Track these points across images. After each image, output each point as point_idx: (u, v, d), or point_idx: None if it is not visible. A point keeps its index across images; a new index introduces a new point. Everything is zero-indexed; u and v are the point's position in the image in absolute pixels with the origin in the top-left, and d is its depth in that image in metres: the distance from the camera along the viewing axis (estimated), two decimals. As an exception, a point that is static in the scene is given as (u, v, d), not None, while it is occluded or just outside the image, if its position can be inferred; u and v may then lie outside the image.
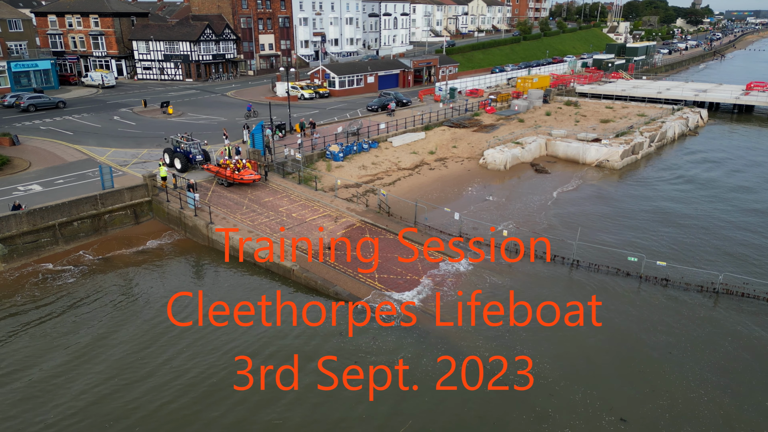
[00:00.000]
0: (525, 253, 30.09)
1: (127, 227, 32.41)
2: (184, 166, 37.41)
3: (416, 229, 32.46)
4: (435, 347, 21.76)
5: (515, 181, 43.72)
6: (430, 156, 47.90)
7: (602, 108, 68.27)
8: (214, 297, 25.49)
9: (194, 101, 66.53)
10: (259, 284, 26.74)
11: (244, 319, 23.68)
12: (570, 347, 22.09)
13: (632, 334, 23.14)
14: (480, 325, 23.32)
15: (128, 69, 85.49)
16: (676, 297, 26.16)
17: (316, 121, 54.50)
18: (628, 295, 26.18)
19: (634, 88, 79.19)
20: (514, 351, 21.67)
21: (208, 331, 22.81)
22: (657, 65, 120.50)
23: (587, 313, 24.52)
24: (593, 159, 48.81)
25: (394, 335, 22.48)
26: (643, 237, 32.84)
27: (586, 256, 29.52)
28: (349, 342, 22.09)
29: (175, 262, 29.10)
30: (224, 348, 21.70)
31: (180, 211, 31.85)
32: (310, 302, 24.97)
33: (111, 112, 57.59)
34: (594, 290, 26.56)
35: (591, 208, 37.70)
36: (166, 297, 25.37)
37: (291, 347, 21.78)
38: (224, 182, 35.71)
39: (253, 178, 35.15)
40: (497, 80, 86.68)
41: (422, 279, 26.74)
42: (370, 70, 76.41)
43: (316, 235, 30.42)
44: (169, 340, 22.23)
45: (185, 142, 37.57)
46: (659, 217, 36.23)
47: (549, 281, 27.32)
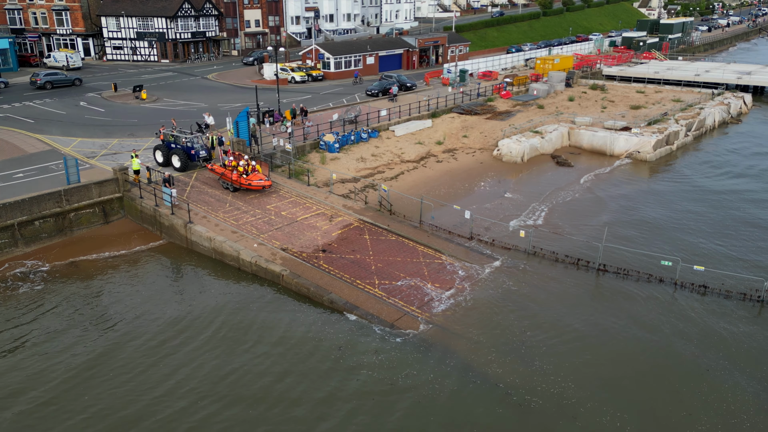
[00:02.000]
0: (545, 257, 30.08)
1: (95, 227, 32.44)
2: (185, 164, 36.49)
3: (422, 229, 32.45)
4: (443, 362, 21.78)
5: (534, 175, 43.70)
6: (437, 147, 47.91)
7: (632, 92, 68.17)
8: (193, 310, 25.51)
9: (171, 85, 66.55)
10: (244, 293, 26.76)
11: (225, 341, 23.68)
12: (595, 363, 22.08)
13: (665, 348, 23.12)
14: (494, 337, 23.32)
15: (96, 49, 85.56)
16: (715, 306, 26.13)
17: (309, 107, 54.49)
18: (661, 304, 26.16)
19: (668, 70, 79.07)
20: (532, 367, 21.67)
21: (184, 357, 22.81)
22: (695, 44, 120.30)
23: (614, 325, 24.50)
24: (622, 150, 48.77)
25: (399, 349, 22.50)
26: (678, 239, 32.82)
27: (613, 260, 29.52)
28: (349, 357, 22.09)
29: (148, 267, 29.15)
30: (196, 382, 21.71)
31: (155, 208, 31.89)
32: (302, 312, 25.00)
33: (77, 98, 57.64)
34: (623, 299, 26.54)
35: (619, 207, 37.69)
36: (135, 309, 25.39)
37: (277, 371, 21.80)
38: (229, 186, 34.67)
39: (263, 185, 34.16)
40: (513, 61, 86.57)
41: (428, 285, 26.76)
42: (370, 50, 76.40)
43: (308, 235, 30.43)
44: (130, 372, 22.23)
45: (186, 136, 36.56)
46: (696, 216, 36.20)
47: (572, 288, 27.30)
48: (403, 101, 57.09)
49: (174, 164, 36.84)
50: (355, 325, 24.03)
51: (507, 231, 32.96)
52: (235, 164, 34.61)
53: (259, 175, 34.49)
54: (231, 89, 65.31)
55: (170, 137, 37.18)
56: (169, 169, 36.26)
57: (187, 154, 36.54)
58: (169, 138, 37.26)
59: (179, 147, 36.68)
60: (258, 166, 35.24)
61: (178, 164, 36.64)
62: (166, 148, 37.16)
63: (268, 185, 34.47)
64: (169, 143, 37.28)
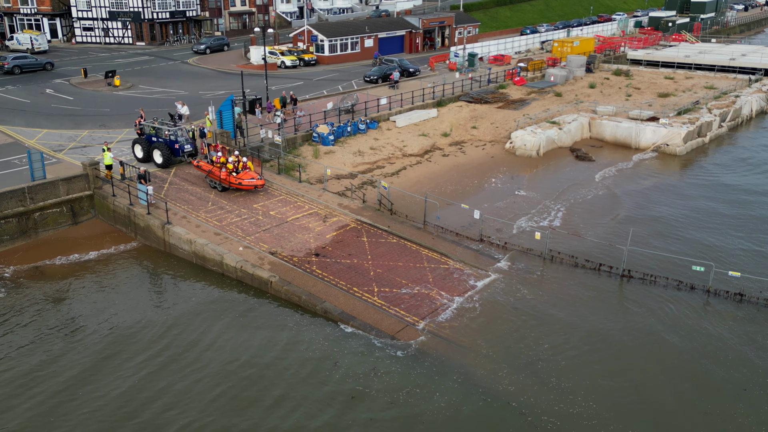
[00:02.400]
0: (563, 262, 30.06)
1: (62, 228, 32.42)
2: (167, 159, 35.88)
3: (426, 230, 32.42)
4: (450, 378, 21.74)
5: (550, 171, 43.69)
6: (443, 139, 47.89)
7: (660, 79, 68.17)
8: (172, 323, 25.48)
9: (147, 70, 66.55)
10: (228, 302, 26.73)
11: (206, 362, 23.66)
12: (620, 380, 22.03)
13: (697, 363, 23.07)
14: (506, 351, 23.28)
15: (64, 30, 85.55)
16: (752, 316, 26.09)
17: (301, 95, 54.48)
18: (692, 314, 26.12)
19: (700, 53, 79.06)
20: (549, 384, 21.63)
21: (165, 379, 22.75)
22: (730, 24, 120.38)
23: (640, 337, 24.46)
24: (649, 143, 48.76)
25: (400, 365, 22.46)
26: (711, 242, 32.80)
27: (639, 264, 29.49)
28: (345, 374, 22.07)
29: (121, 273, 29.12)
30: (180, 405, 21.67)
31: (129, 208, 31.87)
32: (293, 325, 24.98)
33: (42, 84, 57.63)
34: (649, 308, 26.50)
35: (644, 206, 37.67)
36: (107, 323, 25.35)
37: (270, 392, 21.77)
38: (217, 185, 34.18)
39: (255, 184, 33.64)
40: (528, 44, 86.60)
41: (433, 293, 26.73)
42: (369, 32, 76.42)
43: (300, 238, 30.41)
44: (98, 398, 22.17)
45: (169, 128, 35.98)
46: (731, 216, 36.18)
47: (594, 297, 27.27)
48: (405, 88, 57.08)
49: (155, 159, 36.26)
50: (352, 337, 23.99)
51: (521, 233, 32.94)
52: (224, 160, 34.07)
53: (251, 173, 33.91)
54: (214, 75, 65.32)
55: (151, 129, 36.57)
56: (149, 165, 36.03)
57: (170, 148, 36.03)
58: (149, 130, 36.69)
59: (161, 140, 36.13)
60: (250, 163, 34.74)
61: (159, 160, 36.05)
62: (146, 142, 36.67)
63: (260, 185, 33.94)
64: (149, 136, 36.74)
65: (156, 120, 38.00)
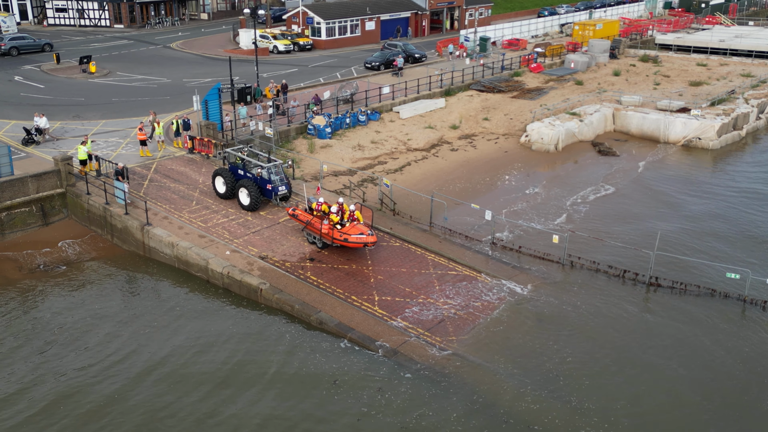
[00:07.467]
0: (583, 267, 29.97)
1: (31, 229, 32.41)
2: (255, 201, 31.96)
3: (432, 232, 32.36)
4: (461, 398, 21.67)
5: (570, 167, 43.61)
6: (452, 132, 47.84)
7: (692, 65, 67.98)
8: (145, 340, 25.46)
9: (126, 55, 66.58)
10: (214, 312, 26.70)
11: (191, 382, 23.65)
12: (648, 400, 21.96)
13: (733, 381, 22.98)
14: (524, 367, 23.20)
15: (35, 11, 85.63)
16: (794, 329, 26.00)
17: (295, 83, 54.46)
18: (726, 326, 26.02)
19: (736, 38, 78.88)
20: (571, 404, 21.57)
21: (152, 403, 22.74)
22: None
23: (670, 352, 24.37)
24: (679, 136, 48.65)
25: (408, 384, 22.40)
26: (746, 247, 32.71)
27: (667, 271, 29.40)
28: (345, 395, 22.03)
29: (96, 280, 29.09)
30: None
31: (105, 207, 31.87)
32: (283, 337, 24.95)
33: (10, 71, 57.71)
34: (680, 319, 26.41)
35: (673, 206, 37.58)
36: (80, 339, 25.33)
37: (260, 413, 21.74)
38: (317, 241, 29.94)
39: (364, 241, 28.53)
40: (546, 27, 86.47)
41: (440, 302, 26.67)
42: (370, 13, 76.43)
43: (293, 241, 30.37)
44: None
45: (263, 164, 32.28)
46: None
47: (617, 307, 27.18)
48: (410, 76, 57.06)
49: (241, 200, 32.52)
50: (350, 351, 23.93)
51: (537, 235, 32.83)
52: (326, 209, 29.85)
53: (360, 227, 28.98)
54: (199, 61, 65.36)
55: (237, 159, 33.13)
56: (233, 204, 32.93)
57: (260, 188, 32.30)
58: (234, 159, 33.32)
59: (250, 177, 32.60)
60: (358, 213, 30.08)
61: (246, 201, 32.16)
62: (231, 176, 32.83)
63: (372, 243, 28.89)
64: (234, 167, 33.20)
65: (244, 150, 34.00)
